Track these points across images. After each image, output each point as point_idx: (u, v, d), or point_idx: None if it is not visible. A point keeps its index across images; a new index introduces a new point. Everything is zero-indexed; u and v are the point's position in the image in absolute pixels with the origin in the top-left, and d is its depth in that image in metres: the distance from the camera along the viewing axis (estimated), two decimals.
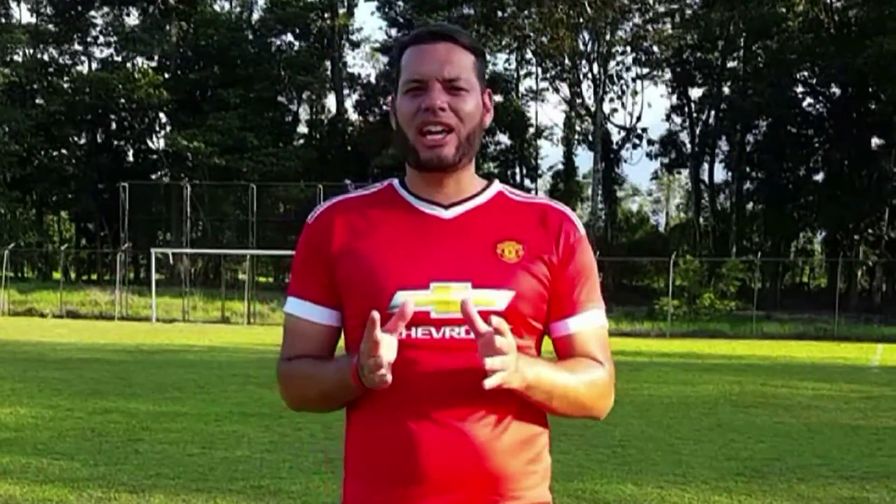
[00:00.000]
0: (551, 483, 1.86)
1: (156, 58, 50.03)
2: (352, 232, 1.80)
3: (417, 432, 1.70)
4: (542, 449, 1.82)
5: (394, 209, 1.82)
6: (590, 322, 1.82)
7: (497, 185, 1.88)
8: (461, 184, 1.82)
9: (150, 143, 52.56)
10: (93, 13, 51.40)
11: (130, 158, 53.51)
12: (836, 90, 44.27)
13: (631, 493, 6.52)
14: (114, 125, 52.04)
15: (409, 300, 1.60)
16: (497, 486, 1.73)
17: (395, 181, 1.88)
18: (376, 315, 1.56)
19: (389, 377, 1.61)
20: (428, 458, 1.69)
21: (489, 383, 1.56)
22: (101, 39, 51.96)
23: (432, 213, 1.80)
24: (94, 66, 51.62)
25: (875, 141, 42.70)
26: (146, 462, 7.20)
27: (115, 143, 52.85)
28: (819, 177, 46.02)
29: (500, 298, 1.71)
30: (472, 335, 1.61)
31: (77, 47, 52.16)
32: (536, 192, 31.25)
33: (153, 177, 50.80)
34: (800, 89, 45.10)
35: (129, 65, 49.72)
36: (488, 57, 1.82)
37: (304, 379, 1.82)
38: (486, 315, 1.60)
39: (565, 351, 1.81)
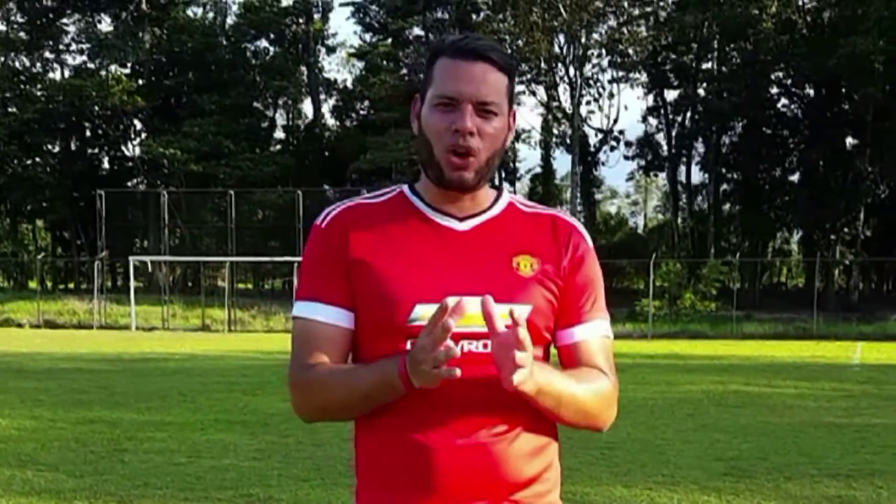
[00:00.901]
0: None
1: (129, 64, 49.71)
2: (366, 240, 1.78)
3: (433, 441, 1.69)
4: (553, 457, 1.84)
5: (408, 219, 1.81)
6: (595, 331, 1.84)
7: (507, 196, 1.89)
8: (476, 199, 1.82)
9: (125, 151, 52.20)
10: (65, 20, 50.89)
11: (106, 166, 53.12)
12: (810, 91, 44.57)
13: (620, 494, 6.54)
14: (88, 132, 51.60)
15: (468, 301, 1.55)
16: (511, 495, 1.74)
17: (405, 188, 1.87)
18: (450, 300, 1.52)
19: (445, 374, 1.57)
20: (442, 468, 1.69)
21: (517, 378, 1.54)
22: (74, 47, 51.46)
23: (447, 224, 1.80)
24: (66, 73, 51.14)
25: (849, 140, 43.00)
26: (132, 472, 7.15)
27: (90, 150, 52.38)
28: (795, 177, 46.30)
29: (518, 313, 1.70)
30: (489, 349, 1.61)
31: (49, 55, 51.66)
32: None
33: (129, 184, 50.42)
34: (774, 90, 45.31)
35: (102, 72, 49.26)
36: None
37: (336, 384, 1.74)
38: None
39: (570, 359, 1.82)
